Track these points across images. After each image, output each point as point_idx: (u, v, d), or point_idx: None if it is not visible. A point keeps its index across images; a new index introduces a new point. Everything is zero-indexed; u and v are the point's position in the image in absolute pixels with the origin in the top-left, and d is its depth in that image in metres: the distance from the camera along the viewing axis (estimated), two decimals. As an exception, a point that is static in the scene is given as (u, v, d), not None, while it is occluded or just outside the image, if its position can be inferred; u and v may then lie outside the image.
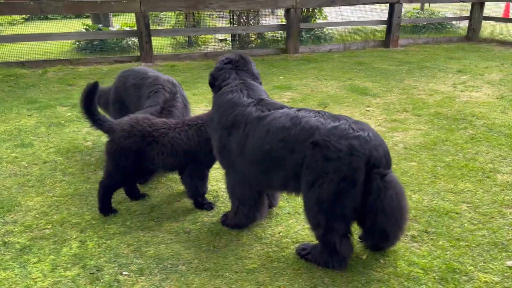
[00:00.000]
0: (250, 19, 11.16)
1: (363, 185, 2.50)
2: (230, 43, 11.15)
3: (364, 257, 2.80)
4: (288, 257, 2.81)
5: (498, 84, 7.08)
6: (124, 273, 2.69)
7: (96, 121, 3.26)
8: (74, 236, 3.07)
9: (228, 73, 3.14)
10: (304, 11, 11.15)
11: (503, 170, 3.99)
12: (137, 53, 9.69)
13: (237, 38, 11.06)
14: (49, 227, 3.20)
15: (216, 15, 14.16)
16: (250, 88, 3.05)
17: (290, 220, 3.24)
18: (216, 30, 10.15)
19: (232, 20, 10.99)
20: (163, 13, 13.37)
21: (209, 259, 2.81)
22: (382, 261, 2.75)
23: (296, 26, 9.89)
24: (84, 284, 2.60)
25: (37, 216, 3.35)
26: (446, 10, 14.54)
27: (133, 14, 9.14)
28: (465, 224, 3.14)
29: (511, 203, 3.41)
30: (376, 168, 2.49)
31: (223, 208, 3.44)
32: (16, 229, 3.17)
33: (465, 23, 12.39)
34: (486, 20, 11.74)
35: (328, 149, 2.49)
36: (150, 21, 9.20)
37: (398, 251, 2.84)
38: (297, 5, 9.76)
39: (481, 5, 11.32)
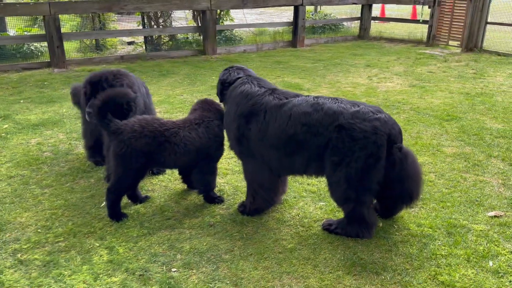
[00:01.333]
0: (162, 21, 11.02)
1: (386, 159, 2.88)
2: (143, 45, 10.88)
3: (381, 224, 3.19)
4: (318, 234, 3.07)
5: (404, 75, 8.16)
6: (173, 269, 2.69)
7: (103, 120, 3.12)
8: (97, 245, 2.93)
9: (236, 72, 3.41)
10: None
11: (446, 144, 4.74)
12: (46, 59, 8.99)
13: (149, 40, 10.84)
14: (61, 239, 3.00)
15: (116, 17, 13.62)
16: (258, 80, 3.34)
17: (300, 203, 3.50)
18: (131, 32, 9.85)
19: (143, 22, 10.74)
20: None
21: (248, 245, 2.94)
22: (396, 227, 3.17)
23: (212, 28, 10.08)
24: (138, 286, 2.55)
25: (39, 231, 3.10)
26: (334, 13, 16.00)
27: (28, 18, 8.43)
28: (442, 189, 3.73)
29: (466, 169, 4.12)
30: (395, 144, 2.89)
31: (232, 200, 3.55)
32: (24, 247, 2.91)
33: (350, 23, 13.86)
34: (373, 20, 13.26)
35: (354, 131, 2.82)
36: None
37: (404, 217, 3.29)
38: (212, 7, 9.96)
39: (370, 7, 12.76)
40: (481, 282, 2.59)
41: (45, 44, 8.88)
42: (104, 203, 3.46)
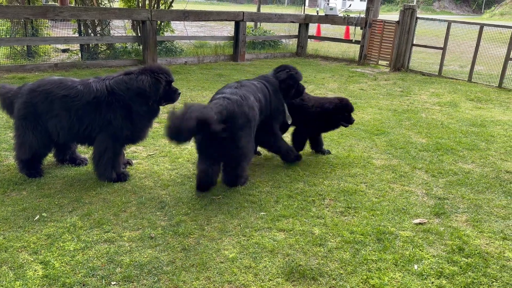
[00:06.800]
0: (99, 29, 10.75)
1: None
2: (79, 53, 10.53)
3: (317, 232, 3.35)
4: (259, 243, 3.17)
5: (338, 91, 8.59)
6: (112, 283, 2.65)
7: None
8: (31, 259, 2.82)
9: None
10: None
11: (375, 156, 5.07)
12: (-29, 64, 8.44)
13: (85, 48, 10.52)
14: (-10, 255, 2.84)
15: (50, 24, 13.08)
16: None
17: (241, 213, 3.58)
18: (67, 40, 9.50)
19: (80, 30, 10.41)
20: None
21: (189, 256, 2.96)
22: (330, 234, 3.35)
23: (152, 38, 10.01)
24: (76, 301, 2.49)
25: (-35, 247, 2.92)
26: (274, 29, 16.48)
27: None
28: (372, 198, 3.99)
29: (393, 179, 4.44)
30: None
31: (174, 212, 3.56)
32: (-51, 264, 2.73)
33: (288, 41, 14.36)
34: (310, 38, 13.83)
35: None
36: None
37: (338, 224, 3.48)
38: (152, 18, 9.90)
39: (307, 26, 13.30)
40: (407, 284, 2.81)
41: (-29, 49, 8.36)
42: (38, 216, 3.34)
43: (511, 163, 5.02)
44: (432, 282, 2.84)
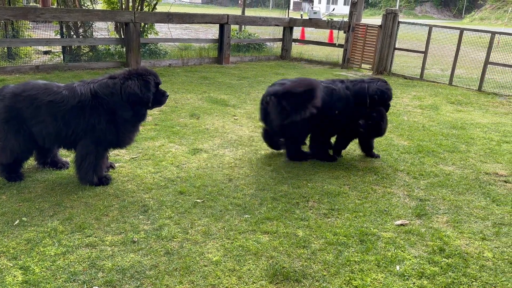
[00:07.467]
0: (82, 31, 10.63)
1: None
2: (61, 55, 10.39)
3: (300, 234, 3.37)
4: (243, 245, 3.17)
5: (322, 94, 8.64)
6: (94, 287, 2.62)
7: None
8: (11, 265, 2.77)
9: None
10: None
11: (358, 158, 5.12)
12: (-52, 66, 8.25)
13: (67, 50, 10.40)
14: (-32, 261, 2.78)
15: (32, 25, 12.89)
16: None
17: (226, 216, 3.58)
18: (49, 42, 9.36)
19: (62, 31, 10.28)
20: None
21: (173, 260, 2.95)
22: (314, 236, 3.37)
23: (136, 40, 9.94)
24: (57, 307, 2.45)
25: None
26: (258, 32, 16.52)
27: None
28: (355, 200, 4.02)
29: (376, 181, 4.49)
30: None
31: (157, 216, 3.54)
32: None
33: (272, 44, 14.42)
34: (294, 42, 13.91)
35: None
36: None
37: (322, 226, 3.50)
38: (136, 20, 9.83)
39: (291, 29, 13.38)
40: (389, 285, 2.84)
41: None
42: (17, 221, 3.28)
43: (490, 164, 5.13)
44: (414, 283, 2.88)
